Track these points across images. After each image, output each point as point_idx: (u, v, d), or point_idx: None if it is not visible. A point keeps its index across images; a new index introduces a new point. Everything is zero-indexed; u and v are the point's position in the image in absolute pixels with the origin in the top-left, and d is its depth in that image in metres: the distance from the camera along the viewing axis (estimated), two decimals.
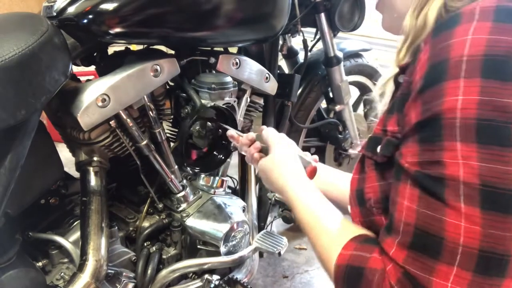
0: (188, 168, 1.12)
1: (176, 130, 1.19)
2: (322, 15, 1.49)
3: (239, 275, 1.11)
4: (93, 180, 0.92)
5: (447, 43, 0.44)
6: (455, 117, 0.42)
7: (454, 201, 0.42)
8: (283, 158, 0.73)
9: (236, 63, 1.07)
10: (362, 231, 0.57)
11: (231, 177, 1.25)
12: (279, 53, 1.44)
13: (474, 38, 0.42)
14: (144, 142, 0.96)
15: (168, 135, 1.10)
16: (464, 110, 0.42)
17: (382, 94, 0.63)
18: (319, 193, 0.65)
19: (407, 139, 0.48)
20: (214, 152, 1.11)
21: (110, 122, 0.89)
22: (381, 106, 0.63)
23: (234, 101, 1.09)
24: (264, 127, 0.82)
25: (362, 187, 0.59)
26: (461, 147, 0.42)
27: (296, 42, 1.69)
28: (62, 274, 0.91)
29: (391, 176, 0.52)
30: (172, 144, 1.13)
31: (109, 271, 0.89)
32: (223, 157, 1.11)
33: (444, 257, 0.43)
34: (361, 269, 0.50)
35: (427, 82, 0.45)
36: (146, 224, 1.04)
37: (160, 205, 1.06)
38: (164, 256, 1.04)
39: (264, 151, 0.78)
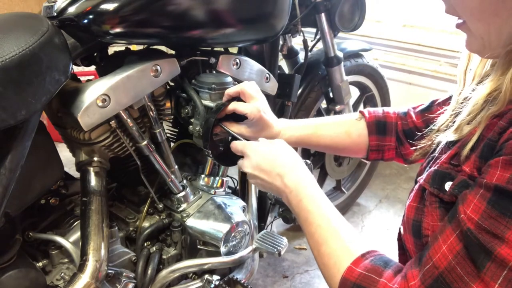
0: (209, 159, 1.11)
1: (176, 130, 1.19)
2: (323, 15, 1.49)
3: (239, 275, 1.11)
4: (93, 180, 0.92)
5: None
6: None
7: (490, 278, 0.41)
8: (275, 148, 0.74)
9: (237, 63, 1.07)
10: (371, 247, 0.56)
11: (231, 177, 1.24)
12: (280, 53, 1.44)
13: None
14: (145, 142, 0.96)
15: (168, 135, 1.10)
16: None
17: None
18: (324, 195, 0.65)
19: (479, 190, 0.45)
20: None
21: (111, 122, 0.89)
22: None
23: None
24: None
25: (420, 220, 0.56)
26: None
27: (296, 42, 1.69)
28: (62, 274, 0.91)
29: None
30: (172, 144, 1.12)
31: (109, 271, 0.89)
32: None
33: None
34: None
35: None
36: (146, 224, 1.04)
37: (160, 205, 1.06)
38: (164, 256, 1.04)
39: None
